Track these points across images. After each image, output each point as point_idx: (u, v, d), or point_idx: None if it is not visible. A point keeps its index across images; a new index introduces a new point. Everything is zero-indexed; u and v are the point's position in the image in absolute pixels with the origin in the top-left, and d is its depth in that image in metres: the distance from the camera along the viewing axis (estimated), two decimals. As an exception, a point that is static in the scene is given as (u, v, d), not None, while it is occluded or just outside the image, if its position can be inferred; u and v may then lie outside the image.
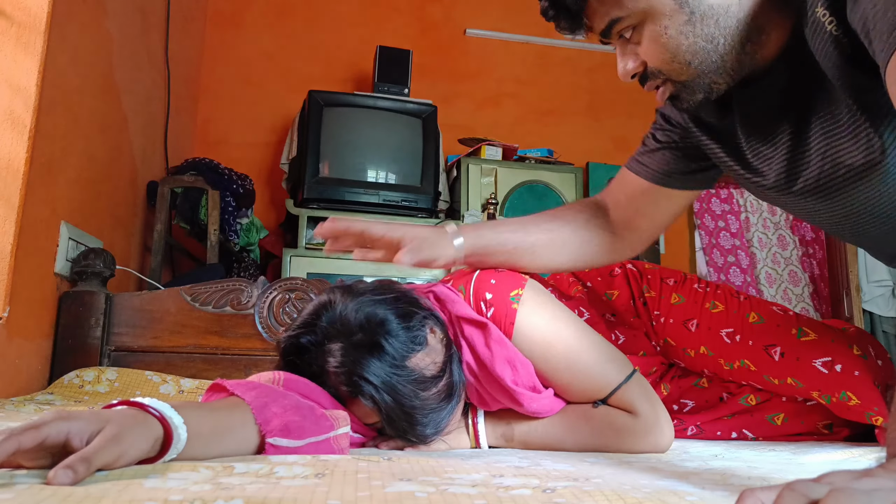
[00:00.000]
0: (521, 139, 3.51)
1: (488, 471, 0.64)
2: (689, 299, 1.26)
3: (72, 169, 1.65)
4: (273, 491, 0.48)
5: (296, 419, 0.73)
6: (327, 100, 2.92)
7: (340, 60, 3.50)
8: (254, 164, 3.26)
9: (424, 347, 0.92)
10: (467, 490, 0.51)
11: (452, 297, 1.02)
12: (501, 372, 0.96)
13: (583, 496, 0.49)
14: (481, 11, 3.72)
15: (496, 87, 3.68)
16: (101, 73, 1.86)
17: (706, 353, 1.24)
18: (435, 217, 2.99)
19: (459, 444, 1.03)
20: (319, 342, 0.89)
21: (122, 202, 2.11)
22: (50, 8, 1.43)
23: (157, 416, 0.57)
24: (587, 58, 3.81)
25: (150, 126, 2.41)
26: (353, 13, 3.56)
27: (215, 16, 3.40)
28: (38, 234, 1.48)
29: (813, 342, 1.17)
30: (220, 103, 3.32)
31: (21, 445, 0.48)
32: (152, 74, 2.39)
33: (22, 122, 1.38)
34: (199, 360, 1.65)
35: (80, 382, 1.46)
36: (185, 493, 0.46)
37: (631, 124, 3.79)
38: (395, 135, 2.99)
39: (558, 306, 1.05)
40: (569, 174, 3.32)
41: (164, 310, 1.65)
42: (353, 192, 2.85)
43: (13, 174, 1.36)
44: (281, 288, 1.70)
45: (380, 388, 0.86)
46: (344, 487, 0.51)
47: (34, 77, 1.40)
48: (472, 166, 3.19)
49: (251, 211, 2.76)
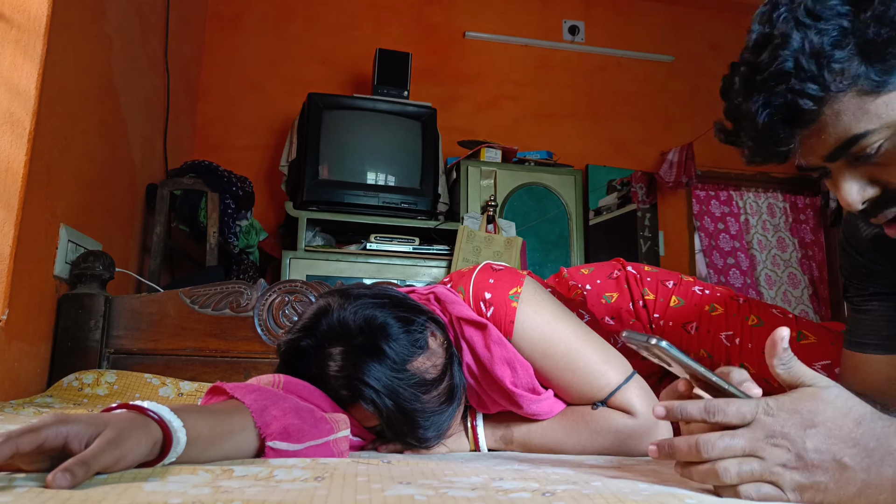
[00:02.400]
0: (521, 141, 3.51)
1: (488, 474, 0.64)
2: (688, 302, 1.26)
3: (71, 171, 1.65)
4: (272, 494, 0.48)
5: (295, 422, 0.73)
6: (327, 102, 2.92)
7: (340, 63, 3.50)
8: (253, 166, 3.26)
9: (425, 351, 0.92)
10: (467, 493, 0.51)
11: (452, 298, 1.02)
12: (501, 373, 0.96)
13: (582, 499, 0.49)
14: (481, 14, 3.73)
15: (495, 90, 3.69)
16: (101, 76, 1.86)
17: (705, 356, 1.24)
18: (434, 219, 2.99)
19: (459, 447, 1.03)
20: (319, 346, 0.89)
21: (121, 204, 2.11)
22: (49, 11, 1.43)
23: (156, 419, 0.57)
24: (586, 60, 3.82)
25: (150, 128, 2.41)
26: (352, 16, 3.57)
27: (214, 18, 3.40)
28: (37, 236, 1.48)
29: (812, 345, 1.17)
30: (219, 106, 3.32)
31: (19, 448, 0.48)
32: (152, 77, 2.40)
33: (21, 125, 1.38)
34: (198, 363, 1.65)
35: (79, 385, 1.46)
36: (184, 497, 0.46)
37: (630, 127, 3.80)
38: (395, 137, 2.99)
39: (558, 305, 1.05)
40: (568, 176, 3.32)
41: (164, 312, 1.65)
42: (352, 195, 2.85)
43: (13, 177, 1.36)
44: (280, 290, 1.70)
45: (381, 392, 0.86)
46: (343, 491, 0.51)
47: (34, 80, 1.40)
48: (471, 168, 3.20)
49: (250, 213, 2.76)
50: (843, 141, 0.67)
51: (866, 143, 0.66)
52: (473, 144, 3.30)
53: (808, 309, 3.82)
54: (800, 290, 3.86)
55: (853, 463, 0.54)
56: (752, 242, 3.88)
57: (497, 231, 3.04)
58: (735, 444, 0.56)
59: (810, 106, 0.65)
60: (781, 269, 3.88)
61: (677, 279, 1.30)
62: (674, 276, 1.31)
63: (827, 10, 0.64)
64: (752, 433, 0.56)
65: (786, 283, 3.86)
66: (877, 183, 0.70)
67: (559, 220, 3.27)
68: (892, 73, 0.64)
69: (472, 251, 2.92)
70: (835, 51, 0.64)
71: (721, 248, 3.84)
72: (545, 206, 3.27)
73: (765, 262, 3.87)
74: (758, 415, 0.56)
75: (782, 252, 3.91)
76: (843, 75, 0.64)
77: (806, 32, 0.64)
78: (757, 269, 3.85)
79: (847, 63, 0.64)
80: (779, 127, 0.67)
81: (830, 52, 0.64)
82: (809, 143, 0.69)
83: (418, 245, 2.91)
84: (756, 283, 3.82)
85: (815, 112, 0.66)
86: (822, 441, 0.55)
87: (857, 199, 0.70)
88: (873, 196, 0.70)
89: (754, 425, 0.56)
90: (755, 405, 0.57)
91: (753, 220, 3.91)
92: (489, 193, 3.16)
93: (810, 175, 0.75)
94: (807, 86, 0.64)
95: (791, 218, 3.97)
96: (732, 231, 3.88)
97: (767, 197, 3.97)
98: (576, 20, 3.83)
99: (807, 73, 0.64)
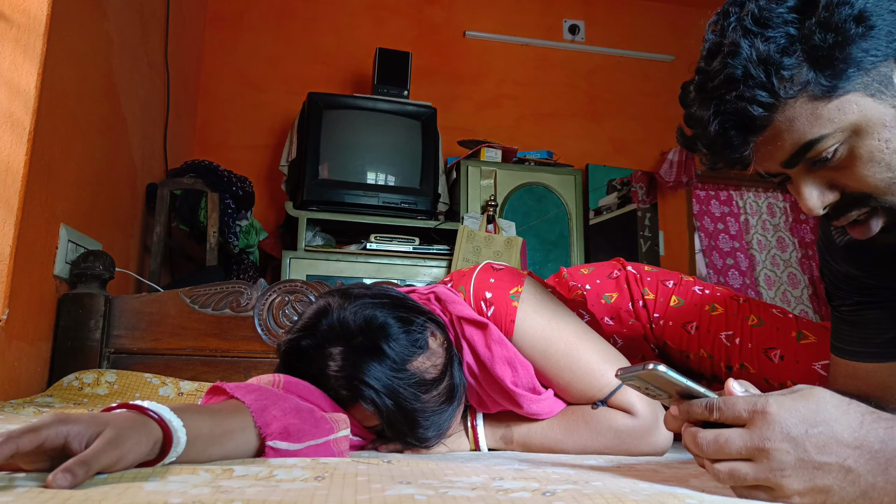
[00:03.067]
0: (521, 141, 3.51)
1: (488, 473, 0.64)
2: (688, 302, 1.26)
3: (71, 171, 1.65)
4: (272, 494, 0.48)
5: (295, 422, 0.73)
6: (327, 102, 2.92)
7: (340, 62, 3.50)
8: (253, 166, 3.26)
9: (425, 351, 0.92)
10: (467, 493, 0.51)
11: (453, 298, 1.02)
12: (501, 373, 0.96)
13: (582, 499, 0.49)
14: (481, 13, 3.73)
15: (495, 89, 3.69)
16: (101, 76, 1.86)
17: (706, 356, 1.24)
18: (434, 219, 2.99)
19: (459, 447, 1.03)
20: (319, 345, 0.89)
21: (121, 204, 2.11)
22: (49, 10, 1.43)
23: (156, 418, 0.57)
24: (586, 60, 3.82)
25: (150, 128, 2.41)
26: (352, 15, 3.56)
27: (215, 18, 3.40)
28: (37, 236, 1.48)
29: (813, 345, 1.17)
30: (219, 105, 3.32)
31: (20, 448, 0.48)
32: (152, 76, 2.39)
33: (21, 125, 1.38)
34: (198, 363, 1.65)
35: (79, 385, 1.46)
36: (184, 497, 0.46)
37: (630, 126, 3.79)
38: (395, 137, 2.99)
39: (558, 305, 1.05)
40: (568, 176, 3.32)
41: (164, 312, 1.65)
42: (352, 195, 2.85)
43: (13, 176, 1.36)
44: (280, 290, 1.70)
45: (381, 392, 0.86)
46: (343, 490, 0.51)
47: (34, 79, 1.40)
48: (471, 168, 3.20)
49: (251, 213, 2.76)
50: (798, 147, 0.67)
51: (821, 147, 0.67)
52: (473, 144, 3.30)
53: (807, 309, 3.82)
54: (799, 290, 3.86)
55: (857, 465, 0.52)
56: (751, 243, 3.88)
57: (497, 231, 3.04)
58: (730, 445, 0.54)
59: (761, 112, 0.66)
60: (781, 269, 3.89)
61: (677, 279, 1.30)
62: (674, 276, 1.31)
63: (774, 17, 0.65)
64: (749, 434, 0.54)
65: (785, 283, 3.86)
66: (836, 187, 0.70)
67: (559, 220, 3.27)
68: (840, 78, 0.65)
69: (472, 251, 2.92)
70: (783, 58, 0.65)
71: (720, 249, 3.84)
72: (545, 206, 3.27)
73: (764, 262, 3.87)
74: (755, 413, 0.54)
75: (782, 252, 3.91)
76: (793, 82, 0.65)
77: (753, 41, 0.65)
78: (756, 269, 3.85)
79: (796, 70, 0.65)
80: (732, 134, 0.68)
81: (779, 60, 0.65)
82: (766, 150, 0.70)
83: (418, 245, 2.91)
84: (755, 283, 3.82)
85: (766, 118, 0.67)
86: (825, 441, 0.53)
87: (817, 204, 0.71)
88: (833, 200, 0.71)
89: (751, 427, 0.54)
90: (752, 402, 0.55)
91: (753, 220, 3.91)
92: (489, 193, 3.16)
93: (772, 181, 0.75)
94: (756, 93, 0.65)
95: (791, 217, 3.97)
96: (732, 231, 3.88)
97: (767, 196, 3.97)
98: (576, 20, 3.83)
99: (756, 80, 0.65)
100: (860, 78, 0.65)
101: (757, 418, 0.54)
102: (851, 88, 0.65)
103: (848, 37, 0.64)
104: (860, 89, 0.65)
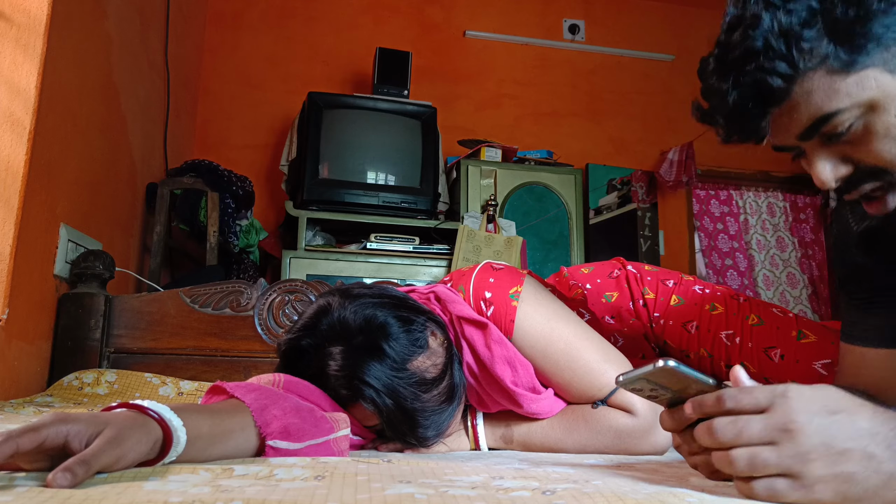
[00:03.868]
0: (521, 140, 3.51)
1: (488, 473, 0.64)
2: (688, 301, 1.26)
3: (71, 171, 1.65)
4: (272, 493, 0.48)
5: (296, 421, 0.73)
6: (327, 101, 2.92)
7: (340, 62, 3.50)
8: (253, 165, 3.26)
9: (425, 350, 0.92)
10: (467, 492, 0.51)
11: (453, 298, 1.02)
12: (501, 372, 0.96)
13: (583, 498, 0.49)
14: (481, 13, 3.73)
15: (495, 89, 3.68)
16: (101, 75, 1.86)
17: (706, 355, 1.24)
18: (434, 218, 2.99)
19: (459, 446, 1.03)
20: (319, 345, 0.89)
21: (121, 204, 2.11)
22: (49, 10, 1.43)
23: (156, 418, 0.57)
24: (587, 59, 3.82)
25: (150, 127, 2.41)
26: (352, 15, 3.56)
27: (215, 17, 3.40)
28: (37, 235, 1.48)
29: (813, 344, 1.17)
30: (219, 105, 3.32)
31: (20, 447, 0.48)
32: (152, 76, 2.39)
33: (21, 124, 1.38)
34: (198, 362, 1.65)
35: (79, 384, 1.46)
36: (184, 496, 0.46)
37: (630, 126, 3.79)
38: (395, 136, 2.99)
39: (558, 304, 1.05)
40: (568, 175, 3.32)
41: (164, 312, 1.65)
42: (352, 194, 2.85)
43: (13, 176, 1.36)
44: (280, 290, 1.70)
45: (381, 392, 0.86)
46: (343, 490, 0.51)
47: (34, 79, 1.40)
48: (471, 168, 3.19)
49: (251, 212, 2.76)
50: (814, 120, 0.68)
51: (837, 121, 0.67)
52: (473, 144, 3.29)
53: (806, 309, 3.82)
54: (798, 290, 3.86)
55: (879, 451, 0.52)
56: (750, 243, 3.87)
57: (497, 230, 3.04)
58: (750, 429, 0.53)
59: (780, 84, 0.66)
60: (780, 269, 3.88)
61: (677, 278, 1.30)
62: (674, 276, 1.31)
63: None
64: (769, 419, 0.53)
65: (784, 283, 3.86)
66: (849, 161, 0.71)
67: (559, 220, 3.27)
68: (860, 53, 0.65)
69: (472, 250, 2.92)
70: (803, 30, 0.65)
71: (720, 249, 3.84)
72: (545, 206, 3.27)
73: (763, 262, 3.87)
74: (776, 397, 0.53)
75: (781, 252, 3.91)
76: (812, 54, 0.65)
77: (775, 13, 0.66)
78: (755, 269, 3.85)
79: (816, 42, 0.65)
80: (750, 105, 0.69)
81: (799, 32, 0.65)
82: (782, 122, 0.70)
83: (418, 244, 2.91)
84: (754, 283, 3.82)
85: (784, 90, 0.67)
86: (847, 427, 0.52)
87: (830, 178, 0.71)
88: (846, 174, 0.71)
89: (772, 411, 0.53)
90: (771, 390, 0.54)
91: (753, 220, 3.91)
92: (489, 193, 3.16)
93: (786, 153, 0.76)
94: (776, 64, 0.66)
95: (791, 217, 3.97)
96: (731, 231, 3.88)
97: (767, 196, 3.97)
98: (576, 19, 3.83)
99: (776, 51, 0.65)
100: (880, 54, 0.65)
101: (778, 401, 0.53)
102: (870, 63, 0.65)
103: (870, 12, 0.64)
104: (879, 65, 0.65)
